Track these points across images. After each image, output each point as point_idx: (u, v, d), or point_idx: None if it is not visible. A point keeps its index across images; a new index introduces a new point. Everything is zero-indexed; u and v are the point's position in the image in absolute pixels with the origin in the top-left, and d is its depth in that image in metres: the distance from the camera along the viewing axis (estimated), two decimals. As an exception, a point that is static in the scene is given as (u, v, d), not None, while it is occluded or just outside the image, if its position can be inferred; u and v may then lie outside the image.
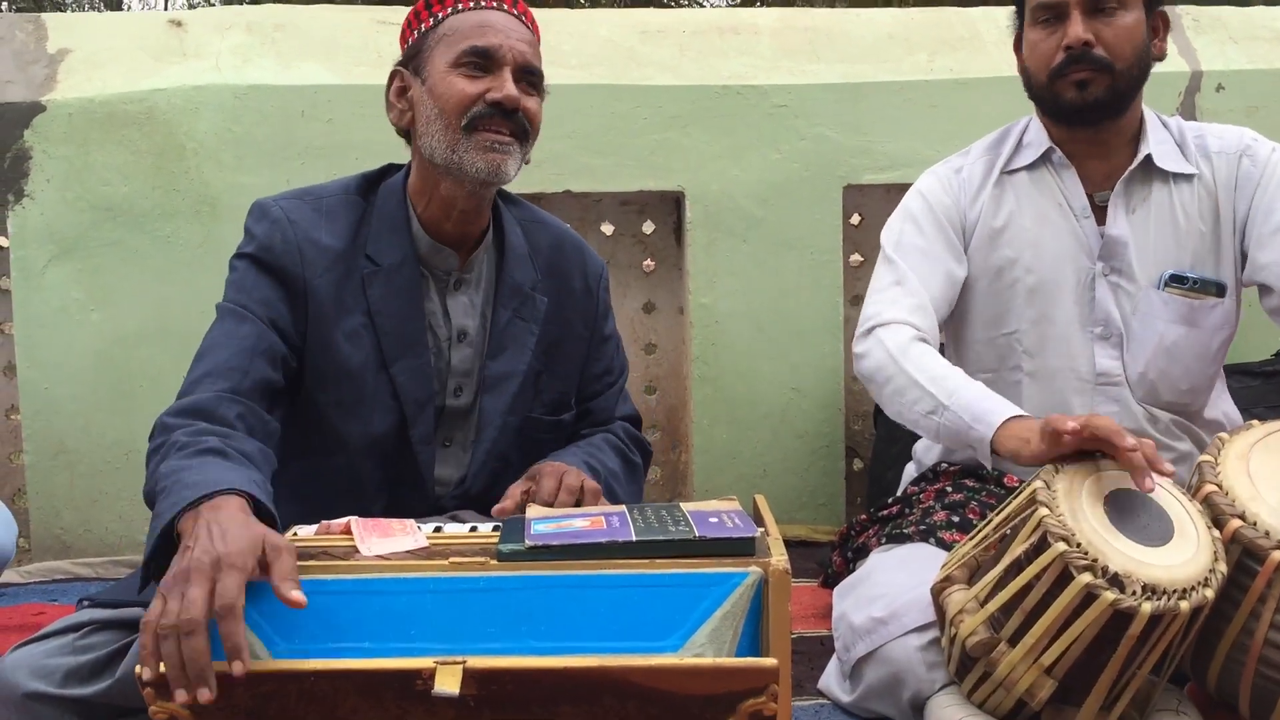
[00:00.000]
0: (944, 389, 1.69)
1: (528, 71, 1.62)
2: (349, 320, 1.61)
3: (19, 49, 2.96)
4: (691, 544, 1.25)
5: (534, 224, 1.81)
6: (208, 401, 1.46)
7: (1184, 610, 1.29)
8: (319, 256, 1.61)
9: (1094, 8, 1.74)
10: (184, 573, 1.14)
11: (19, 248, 2.85)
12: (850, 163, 3.07)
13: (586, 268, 1.83)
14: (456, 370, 1.69)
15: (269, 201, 1.65)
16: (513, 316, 1.72)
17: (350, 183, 1.71)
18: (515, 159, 1.61)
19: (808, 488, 3.12)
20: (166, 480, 1.32)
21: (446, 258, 1.68)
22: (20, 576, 2.80)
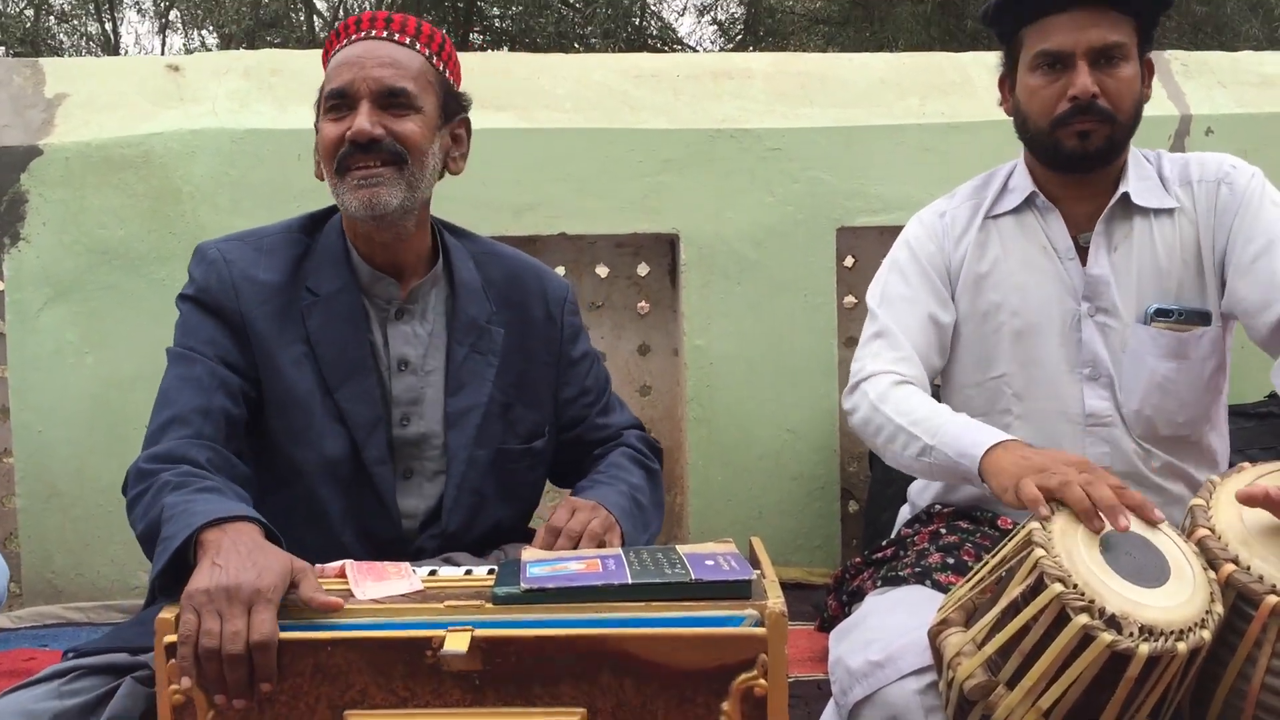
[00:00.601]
0: (928, 429, 1.69)
1: (391, 94, 1.60)
2: (291, 350, 1.64)
3: (16, 93, 2.98)
4: (687, 587, 1.25)
5: (488, 256, 1.82)
6: (179, 448, 1.51)
7: (1181, 652, 1.28)
8: (255, 292, 1.64)
9: (1100, 58, 1.75)
10: (222, 593, 1.21)
11: (14, 290, 2.85)
12: (844, 205, 3.09)
13: (547, 294, 1.83)
14: (400, 400, 1.69)
15: (208, 244, 1.70)
16: (470, 352, 1.72)
17: (293, 222, 1.75)
18: (394, 186, 1.60)
19: (803, 530, 3.11)
20: (174, 510, 1.36)
21: (387, 286, 1.69)
22: (11, 621, 2.78)
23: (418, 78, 1.63)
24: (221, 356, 1.61)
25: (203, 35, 14.10)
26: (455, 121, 1.72)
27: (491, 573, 1.38)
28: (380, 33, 1.64)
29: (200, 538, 1.30)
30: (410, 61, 1.63)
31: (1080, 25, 1.74)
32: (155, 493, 1.42)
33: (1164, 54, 3.41)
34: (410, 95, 1.61)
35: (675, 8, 18.69)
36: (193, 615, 1.21)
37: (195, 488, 1.42)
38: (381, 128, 1.58)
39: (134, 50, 15.79)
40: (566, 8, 11.62)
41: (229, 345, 1.62)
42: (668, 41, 12.51)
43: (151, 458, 1.50)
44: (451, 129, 1.71)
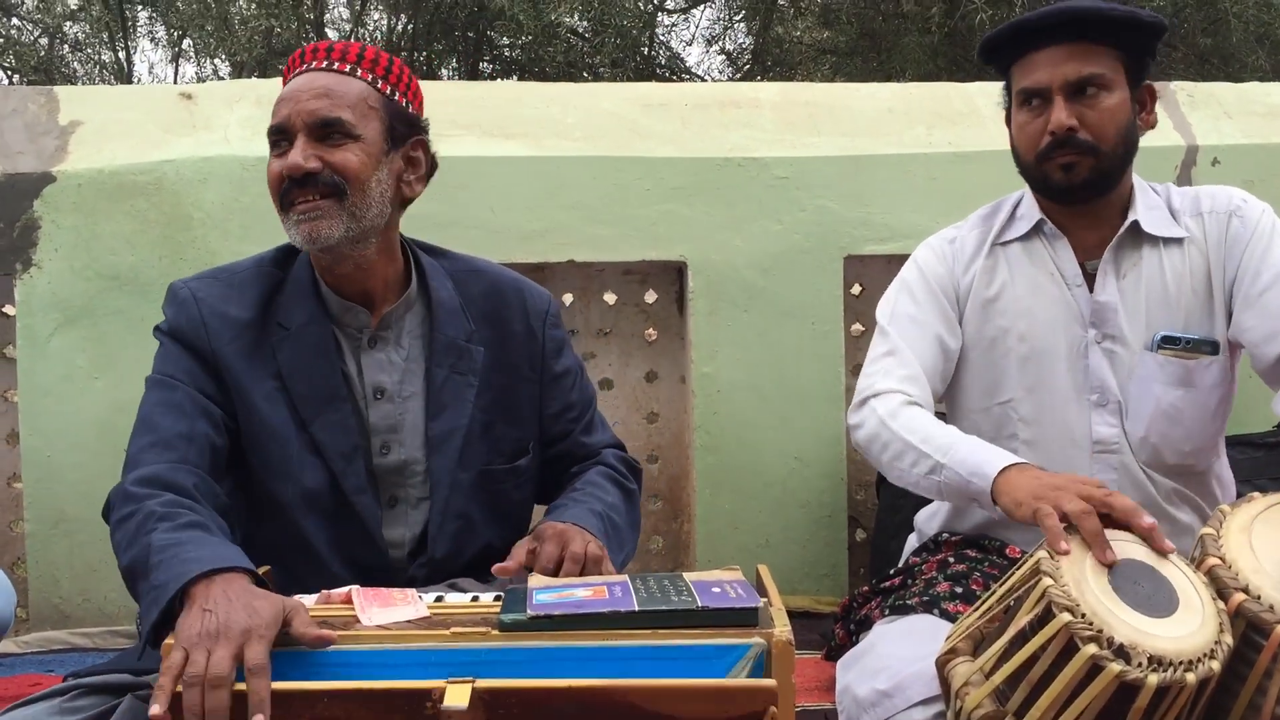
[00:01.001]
0: (938, 447, 1.69)
1: (325, 125, 1.58)
2: (263, 385, 1.63)
3: (30, 121, 3.01)
4: (694, 614, 1.24)
5: (466, 273, 1.80)
6: (165, 472, 1.50)
7: (1190, 682, 1.28)
8: (225, 328, 1.63)
9: (1076, 91, 1.76)
10: (211, 632, 1.20)
11: (25, 316, 2.87)
12: (851, 234, 3.10)
13: (528, 308, 1.81)
14: (378, 428, 1.68)
15: (179, 284, 1.70)
16: (449, 373, 1.71)
17: (265, 256, 1.74)
18: (334, 219, 1.58)
19: (810, 558, 3.10)
20: (162, 554, 1.34)
21: (357, 315, 1.68)
22: (17, 646, 2.78)
23: (355, 105, 1.60)
24: (200, 388, 1.61)
25: (215, 64, 14.20)
26: (408, 144, 1.68)
27: (498, 599, 1.38)
28: (320, 63, 1.62)
29: (189, 590, 1.28)
30: (346, 90, 1.61)
31: (1056, 61, 1.77)
32: (141, 522, 1.41)
33: (1170, 85, 3.42)
34: (345, 124, 1.59)
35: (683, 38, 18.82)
36: (181, 653, 1.19)
37: (182, 522, 1.40)
38: (317, 160, 1.57)
39: (147, 79, 15.91)
40: (576, 37, 11.68)
41: (206, 379, 1.62)
42: (676, 71, 12.57)
43: (139, 480, 1.49)
44: (404, 152, 1.68)
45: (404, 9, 12.33)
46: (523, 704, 1.17)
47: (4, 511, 3.09)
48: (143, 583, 1.36)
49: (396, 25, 13.10)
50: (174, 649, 1.20)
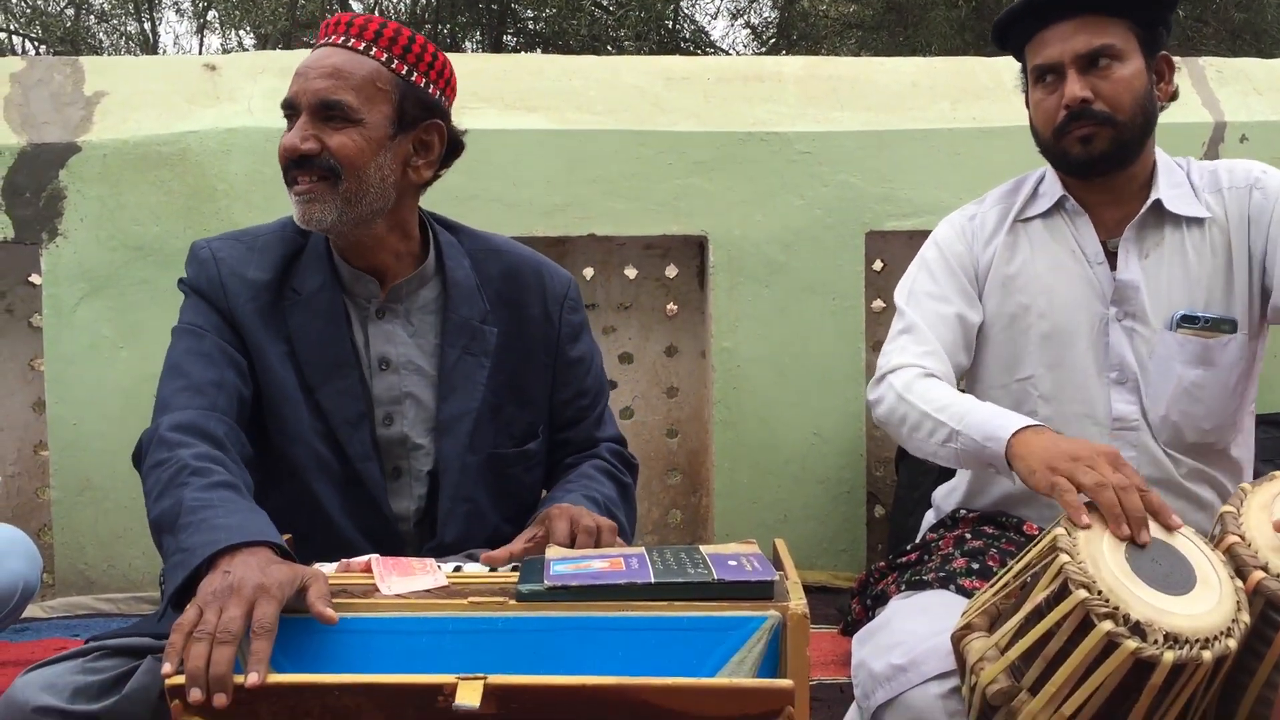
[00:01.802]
0: (953, 415, 1.68)
1: (326, 107, 1.56)
2: (276, 347, 1.64)
3: (56, 91, 3.03)
4: (710, 586, 1.25)
5: (485, 252, 1.78)
6: (198, 418, 1.51)
7: (1207, 660, 1.27)
8: (243, 289, 1.64)
9: (1089, 63, 1.75)
10: (225, 589, 1.21)
11: (51, 285, 2.89)
12: (873, 209, 3.09)
13: (546, 291, 1.78)
14: (381, 399, 1.68)
15: (201, 243, 1.70)
16: (462, 354, 1.70)
17: (289, 221, 1.71)
18: (328, 202, 1.57)
19: (829, 533, 3.11)
20: (193, 515, 1.35)
21: (367, 285, 1.68)
22: (44, 611, 2.82)
23: (361, 87, 1.57)
24: (225, 340, 1.63)
25: (240, 35, 14.23)
26: (419, 128, 1.64)
27: (515, 569, 1.38)
28: (337, 38, 1.60)
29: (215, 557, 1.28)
30: (356, 69, 1.58)
31: (1067, 35, 1.76)
32: (175, 473, 1.42)
33: (1199, 60, 3.39)
34: (347, 107, 1.56)
35: (708, 11, 18.71)
36: (195, 610, 1.20)
37: (215, 480, 1.41)
38: (315, 141, 1.56)
39: (172, 50, 15.95)
40: (600, 10, 11.64)
41: (229, 333, 1.64)
42: (700, 45, 12.51)
43: (174, 426, 1.49)
44: (415, 136, 1.64)
45: (428, -19, 12.31)
46: (536, 701, 1.16)
47: (31, 478, 3.12)
48: (169, 539, 1.36)
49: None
50: (189, 607, 1.21)
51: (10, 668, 2.39)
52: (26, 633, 2.64)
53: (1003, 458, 1.59)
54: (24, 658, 2.44)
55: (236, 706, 1.14)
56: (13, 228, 2.88)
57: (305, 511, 1.64)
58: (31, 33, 14.43)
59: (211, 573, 1.26)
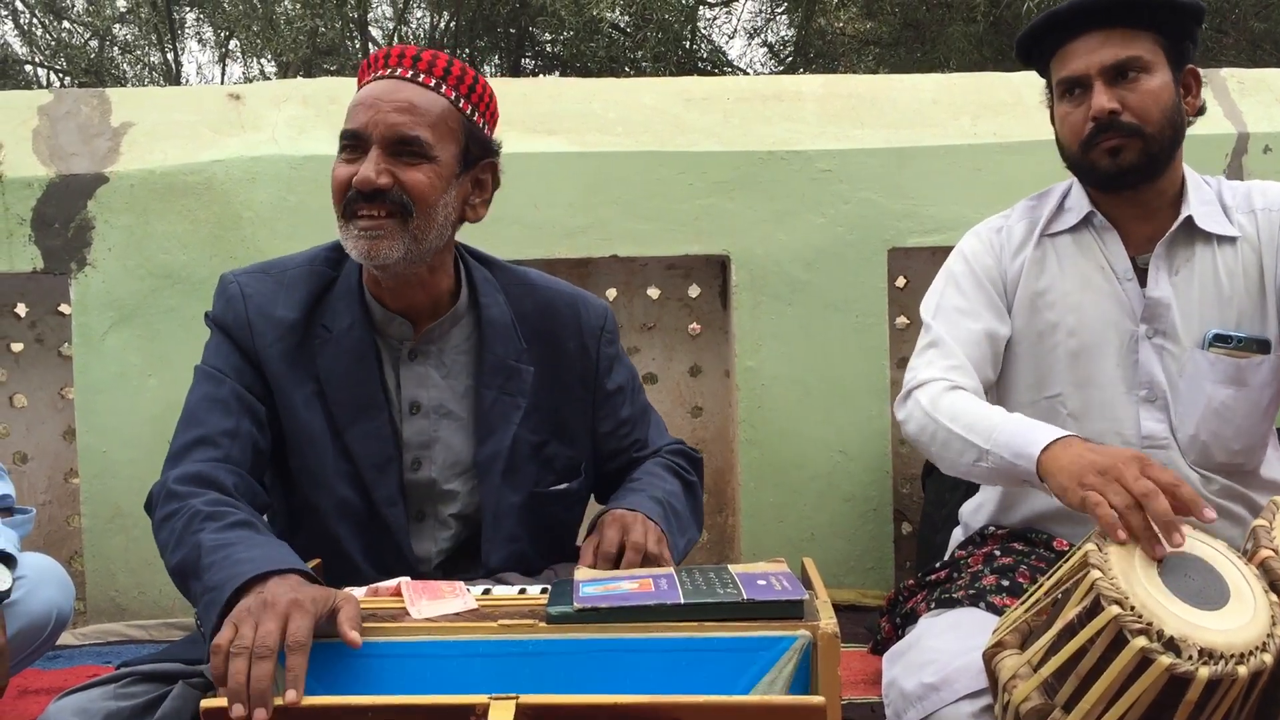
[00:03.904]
0: (981, 433, 1.67)
1: (403, 142, 1.53)
2: (303, 388, 1.61)
3: (84, 122, 3.06)
4: (740, 606, 1.25)
5: (519, 287, 1.75)
6: (207, 470, 1.50)
7: (1242, 675, 1.26)
8: (270, 329, 1.61)
9: (1116, 75, 1.75)
10: (260, 605, 1.22)
11: (80, 314, 2.92)
12: (895, 226, 3.09)
13: (582, 325, 1.76)
14: (411, 443, 1.66)
15: (230, 277, 1.68)
16: (498, 395, 1.67)
17: (319, 252, 1.70)
18: (396, 239, 1.54)
19: (856, 551, 3.10)
20: (214, 555, 1.35)
21: (400, 326, 1.65)
22: (76, 639, 2.83)
23: (436, 124, 1.55)
24: (247, 385, 1.60)
25: (261, 64, 14.36)
26: (478, 167, 1.64)
27: (544, 592, 1.39)
28: (405, 72, 1.57)
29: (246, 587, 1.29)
30: (430, 106, 1.56)
31: (1093, 48, 1.76)
32: (187, 521, 1.41)
33: (1220, 72, 3.37)
34: (424, 144, 1.54)
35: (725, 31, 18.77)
36: (231, 627, 1.21)
37: (230, 521, 1.41)
38: (389, 176, 1.52)
39: (195, 79, 16.12)
40: (617, 32, 11.70)
41: (251, 376, 1.61)
42: (718, 65, 12.54)
43: (182, 479, 1.48)
44: (474, 175, 1.64)
45: (446, 6, 12.41)
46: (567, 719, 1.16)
47: (61, 506, 3.15)
48: (195, 583, 1.37)
49: (439, 23, 13.18)
50: (225, 624, 1.22)
51: (43, 695, 2.41)
52: (59, 660, 2.66)
53: (1035, 475, 1.58)
54: (57, 685, 2.46)
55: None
56: (42, 258, 2.92)
57: (325, 554, 1.63)
58: (56, 65, 14.62)
59: (245, 597, 1.27)
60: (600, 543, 1.54)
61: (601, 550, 1.53)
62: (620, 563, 1.52)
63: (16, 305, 3.13)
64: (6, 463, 3.07)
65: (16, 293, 3.10)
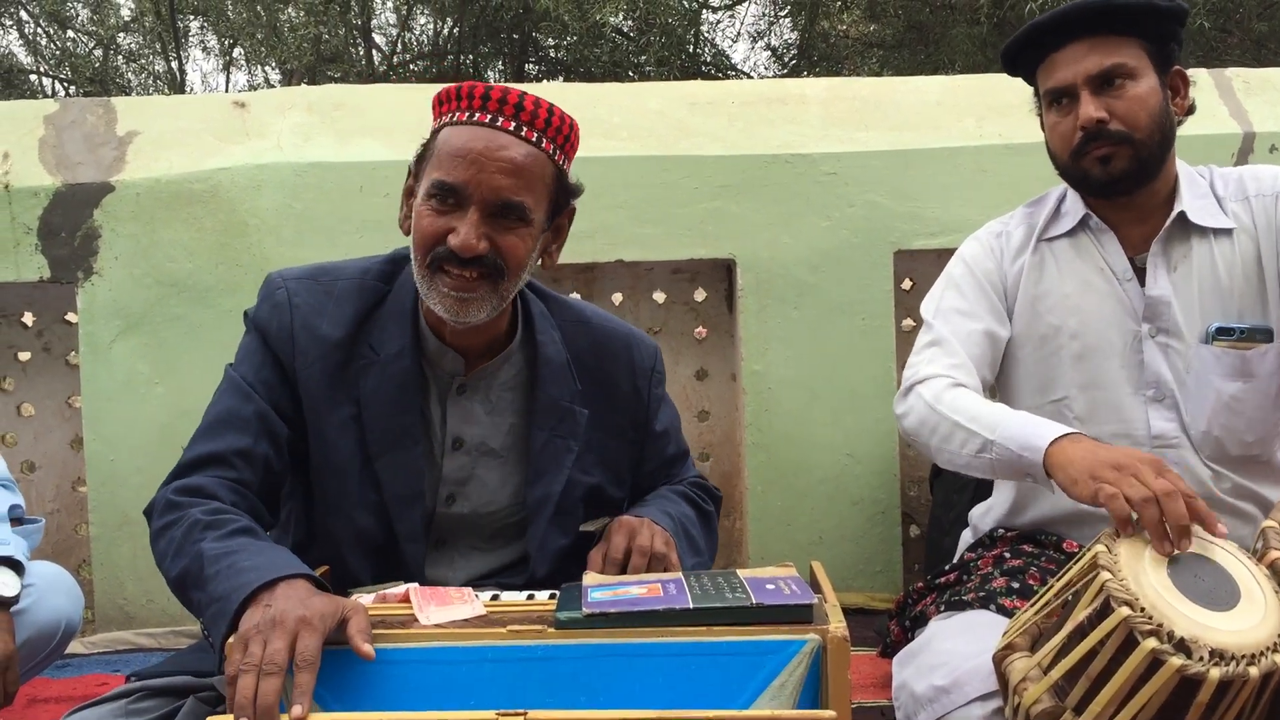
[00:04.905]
0: (986, 425, 1.66)
1: (506, 207, 1.47)
2: (339, 411, 1.56)
3: (89, 132, 3.07)
4: (748, 611, 1.24)
5: (575, 325, 1.71)
6: (210, 485, 1.47)
7: (1254, 676, 1.26)
8: (313, 346, 1.56)
9: (1103, 83, 1.75)
10: (268, 622, 1.20)
11: (87, 323, 2.93)
12: (900, 228, 3.09)
13: (635, 365, 1.73)
14: (449, 478, 1.62)
15: (278, 280, 1.61)
16: (550, 436, 1.63)
17: (373, 266, 1.64)
18: (485, 301, 1.50)
19: (864, 555, 3.09)
20: (217, 564, 1.33)
21: (453, 361, 1.60)
22: (84, 647, 2.84)
23: (536, 186, 1.50)
24: (275, 403, 1.55)
25: (265, 71, 14.40)
26: (561, 214, 1.59)
27: (553, 597, 1.38)
28: (507, 123, 1.48)
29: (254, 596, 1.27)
30: (533, 167, 1.49)
31: (1078, 57, 1.76)
32: (187, 530, 1.40)
33: (1225, 71, 3.37)
34: (525, 209, 1.48)
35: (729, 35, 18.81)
36: (240, 649, 1.19)
37: (230, 530, 1.39)
38: (487, 241, 1.47)
39: (200, 87, 16.16)
40: (621, 37, 11.71)
41: (282, 393, 1.56)
42: (722, 68, 12.55)
43: (182, 490, 1.46)
44: (556, 223, 1.59)
45: (450, 12, 12.43)
46: None
47: (69, 515, 3.15)
48: (197, 593, 1.35)
49: (443, 29, 13.21)
50: (235, 648, 1.21)
51: (52, 704, 2.41)
52: (68, 669, 2.66)
53: (1041, 467, 1.57)
54: (65, 694, 2.46)
55: None
56: (49, 267, 2.93)
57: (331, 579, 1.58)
58: (61, 74, 14.67)
59: (252, 607, 1.25)
60: (608, 549, 1.54)
61: (609, 556, 1.52)
62: (626, 566, 1.51)
63: (23, 314, 3.14)
64: (14, 472, 3.07)
65: (23, 302, 3.11)
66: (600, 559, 1.54)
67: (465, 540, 1.66)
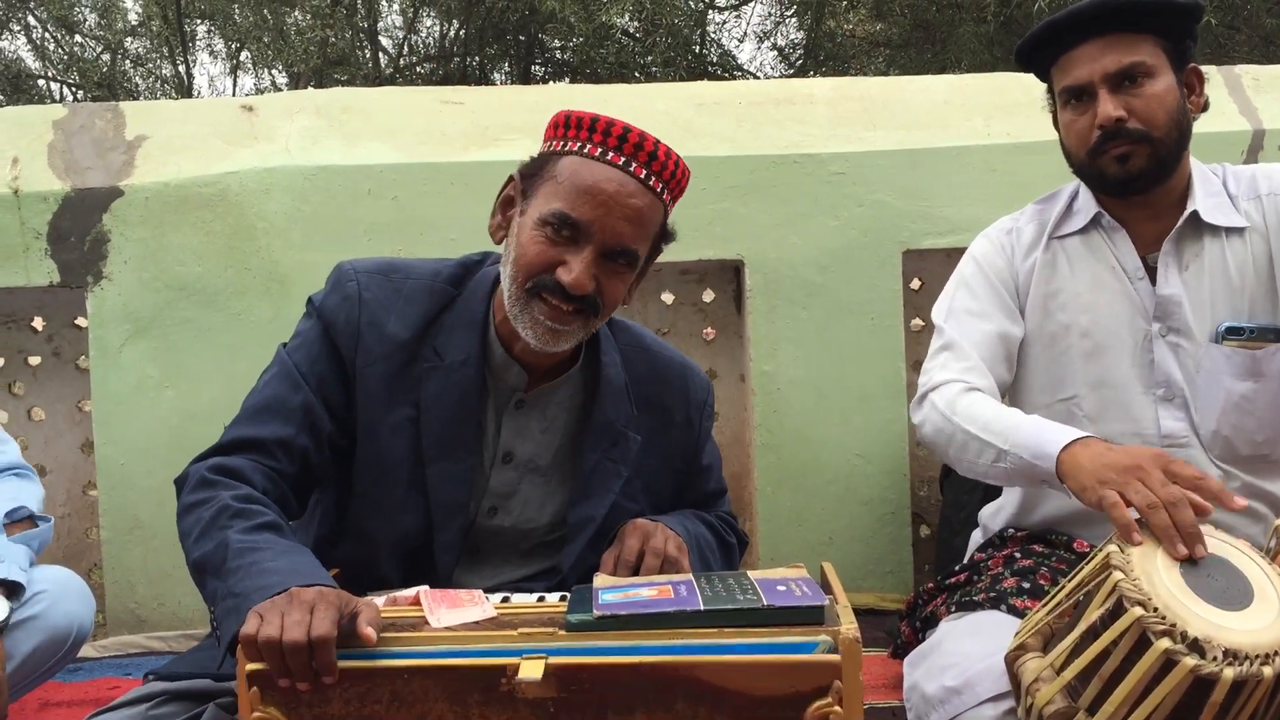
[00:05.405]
0: (999, 434, 1.66)
1: (620, 253, 1.50)
2: (397, 412, 1.56)
3: (99, 136, 3.08)
4: (760, 612, 1.24)
5: (636, 350, 1.72)
6: (245, 468, 1.48)
7: (1267, 676, 1.25)
8: (377, 344, 1.56)
9: (1121, 81, 1.74)
10: (285, 599, 1.23)
11: (97, 327, 2.94)
12: (909, 228, 3.08)
13: (689, 397, 1.74)
14: (494, 491, 1.63)
15: (349, 270, 1.61)
16: (601, 458, 1.63)
17: (444, 269, 1.64)
18: (575, 335, 1.53)
19: (875, 555, 3.09)
20: (240, 559, 1.34)
21: (516, 375, 1.61)
22: (95, 651, 2.84)
23: (649, 235, 1.54)
24: (325, 397, 1.55)
25: (273, 74, 14.43)
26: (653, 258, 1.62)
27: (564, 600, 1.38)
28: (639, 170, 1.50)
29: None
30: (653, 217, 1.53)
31: (1095, 55, 1.74)
32: (216, 514, 1.40)
33: (1235, 69, 3.36)
34: (636, 256, 1.53)
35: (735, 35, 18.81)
36: (256, 617, 1.21)
37: (258, 523, 1.39)
38: (595, 282, 1.49)
39: (207, 91, 16.20)
40: (627, 38, 11.71)
41: (334, 388, 1.56)
42: (728, 69, 12.54)
43: (218, 469, 1.47)
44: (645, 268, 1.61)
45: (456, 15, 12.44)
46: (593, 679, 1.20)
47: (80, 519, 3.16)
48: (216, 581, 1.36)
49: (449, 31, 13.22)
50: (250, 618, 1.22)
51: (64, 708, 2.42)
52: (79, 673, 2.67)
53: (1054, 475, 1.57)
54: (77, 698, 2.47)
55: (310, 695, 1.21)
56: (58, 272, 2.93)
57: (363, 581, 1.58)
58: (69, 79, 14.71)
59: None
60: (621, 550, 1.54)
61: (622, 557, 1.53)
62: (640, 568, 1.52)
63: (34, 319, 3.14)
64: (26, 475, 3.08)
65: (34, 306, 3.12)
66: (613, 561, 1.54)
67: (499, 553, 1.66)
